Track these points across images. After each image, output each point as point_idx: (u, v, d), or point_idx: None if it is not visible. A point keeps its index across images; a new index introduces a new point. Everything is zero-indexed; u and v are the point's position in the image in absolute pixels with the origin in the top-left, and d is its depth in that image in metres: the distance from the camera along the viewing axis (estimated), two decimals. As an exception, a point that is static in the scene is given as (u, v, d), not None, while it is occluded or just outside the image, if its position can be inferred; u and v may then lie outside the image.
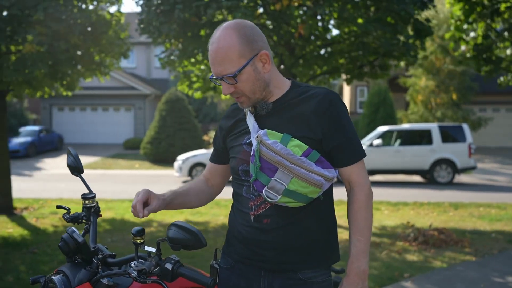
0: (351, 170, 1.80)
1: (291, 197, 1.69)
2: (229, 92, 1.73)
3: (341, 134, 1.77)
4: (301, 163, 1.67)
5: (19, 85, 7.85)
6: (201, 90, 8.81)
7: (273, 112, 1.79)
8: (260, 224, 1.77)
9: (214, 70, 1.71)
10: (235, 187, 1.90)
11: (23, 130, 21.03)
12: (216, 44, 1.68)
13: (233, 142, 1.87)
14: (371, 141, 13.68)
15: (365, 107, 21.22)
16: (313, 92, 1.80)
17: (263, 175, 1.70)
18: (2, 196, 8.36)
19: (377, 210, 9.01)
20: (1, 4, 6.51)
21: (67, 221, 1.90)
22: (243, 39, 1.69)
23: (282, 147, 1.67)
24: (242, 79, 1.70)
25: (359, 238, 1.76)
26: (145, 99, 24.08)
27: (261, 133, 1.70)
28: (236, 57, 1.67)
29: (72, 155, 1.96)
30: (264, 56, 1.74)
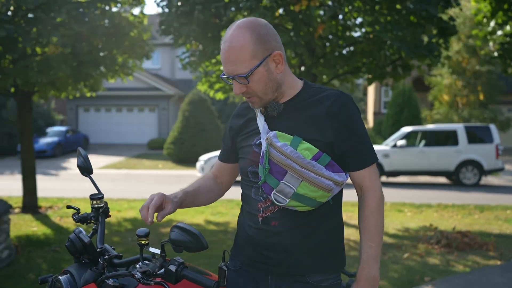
0: (363, 174, 1.76)
1: (300, 201, 1.66)
2: (240, 92, 1.70)
3: (353, 137, 1.73)
4: (311, 166, 1.64)
5: (44, 86, 8.01)
6: (221, 90, 8.83)
7: (284, 113, 1.76)
8: (268, 226, 1.75)
9: (226, 69, 1.69)
10: (244, 188, 1.88)
11: (50, 131, 21.46)
12: (229, 43, 1.65)
13: (243, 142, 1.85)
14: (395, 142, 13.49)
15: (389, 107, 20.97)
16: (326, 94, 1.76)
17: (272, 178, 1.67)
18: (27, 195, 8.54)
19: (400, 212, 8.87)
20: (26, 7, 6.65)
21: (76, 222, 1.92)
22: (256, 39, 1.66)
23: (292, 150, 1.64)
24: (254, 79, 1.67)
25: (370, 244, 1.72)
26: (169, 99, 24.30)
27: (271, 135, 1.67)
28: (248, 57, 1.65)
29: (82, 156, 1.98)
30: (277, 56, 1.71)
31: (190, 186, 1.90)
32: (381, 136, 21.15)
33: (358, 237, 1.84)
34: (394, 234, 7.05)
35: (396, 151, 13.25)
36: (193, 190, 1.88)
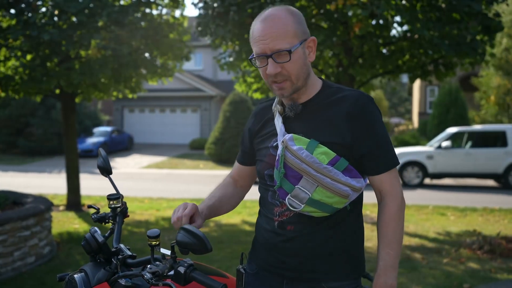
0: (383, 179, 1.69)
1: (315, 207, 1.61)
2: (275, 72, 1.60)
3: (373, 140, 1.67)
4: (327, 172, 1.58)
5: (87, 88, 8.26)
6: (259, 90, 8.84)
7: (302, 114, 1.71)
8: (284, 230, 1.72)
9: (263, 46, 1.59)
10: (261, 191, 1.85)
11: (96, 131, 22.15)
12: (271, 20, 1.59)
13: (260, 144, 1.81)
14: (440, 143, 13.09)
15: (435, 107, 20.37)
16: (345, 94, 1.70)
17: (287, 182, 1.62)
18: (71, 193, 8.82)
19: (443, 216, 8.59)
20: (69, 11, 6.87)
21: (94, 221, 1.95)
22: (297, 20, 1.63)
23: (308, 154, 1.58)
24: (293, 59, 1.61)
25: (388, 251, 1.66)
26: (211, 100, 24.56)
27: (287, 137, 1.62)
28: (291, 35, 1.59)
29: (102, 156, 2.01)
30: (311, 43, 1.69)
31: (211, 198, 1.88)
32: (425, 137, 20.59)
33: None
34: (435, 238, 6.83)
35: (441, 152, 12.86)
36: (216, 204, 1.87)
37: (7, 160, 19.55)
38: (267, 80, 1.67)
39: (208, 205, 1.83)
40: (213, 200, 1.86)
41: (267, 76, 1.65)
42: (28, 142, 21.01)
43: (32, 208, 5.39)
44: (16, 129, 21.41)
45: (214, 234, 6.97)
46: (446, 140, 13.12)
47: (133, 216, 8.44)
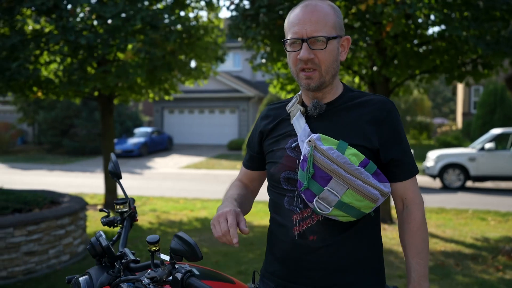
0: (407, 186, 1.65)
1: (343, 210, 1.54)
2: (309, 57, 1.55)
3: (399, 146, 1.64)
4: (358, 174, 1.52)
5: (123, 90, 8.46)
6: (294, 92, 8.81)
7: (325, 114, 1.65)
8: (306, 241, 1.61)
9: (300, 30, 1.56)
10: (274, 197, 1.72)
11: (137, 131, 22.65)
12: (313, 7, 1.57)
13: (274, 145, 1.72)
14: (483, 145, 12.64)
15: (479, 108, 19.71)
16: (369, 98, 1.67)
17: (315, 183, 1.53)
18: (108, 193, 9.05)
19: (483, 220, 8.29)
20: (105, 16, 7.05)
21: (103, 225, 1.99)
22: (337, 15, 1.63)
23: (339, 154, 1.52)
24: (328, 48, 1.57)
25: (418, 261, 1.61)
26: (249, 101, 24.66)
27: (314, 137, 1.55)
28: (330, 24, 1.58)
29: (113, 162, 2.04)
30: (345, 41, 1.67)
31: (236, 196, 1.76)
32: (469, 138, 19.94)
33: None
34: (472, 244, 6.59)
35: (484, 154, 12.41)
36: (242, 202, 1.76)
37: (53, 159, 20.28)
38: (295, 67, 1.61)
39: (239, 201, 1.73)
40: (240, 199, 1.75)
41: (296, 62, 1.60)
42: (72, 142, 21.72)
43: (67, 208, 5.57)
44: (61, 130, 22.19)
45: (244, 235, 6.99)
46: (489, 141, 12.66)
47: (167, 216, 8.57)
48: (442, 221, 8.19)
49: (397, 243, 6.57)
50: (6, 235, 4.82)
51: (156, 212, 8.95)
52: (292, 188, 1.64)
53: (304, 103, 1.71)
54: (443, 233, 7.27)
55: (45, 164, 18.48)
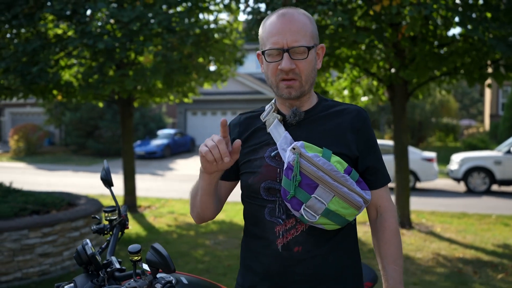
0: (381, 194, 1.67)
1: (330, 218, 1.53)
2: (291, 67, 1.54)
3: (374, 154, 1.66)
4: (344, 181, 1.52)
5: (141, 93, 8.54)
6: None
7: (303, 122, 1.64)
8: (290, 252, 1.57)
9: (280, 40, 1.54)
10: (252, 209, 1.67)
11: (160, 133, 22.88)
12: (290, 17, 1.56)
13: (250, 155, 1.66)
14: (509, 147, 12.31)
15: (506, 110, 19.23)
16: (344, 107, 1.68)
17: (302, 191, 1.50)
18: (127, 195, 9.15)
19: (506, 226, 8.06)
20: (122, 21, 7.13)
21: (93, 232, 1.99)
22: (313, 24, 1.63)
23: (325, 161, 1.51)
24: (309, 58, 1.57)
25: (394, 268, 1.62)
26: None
27: (298, 144, 1.54)
28: (309, 34, 1.58)
29: (105, 169, 2.05)
30: (321, 50, 1.67)
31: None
32: (496, 140, 19.46)
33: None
34: (493, 251, 6.41)
35: (510, 158, 12.09)
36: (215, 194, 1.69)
37: (78, 160, 20.65)
38: (275, 78, 1.59)
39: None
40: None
41: (276, 72, 1.58)
42: (97, 144, 22.08)
43: (82, 210, 5.64)
44: (86, 131, 22.58)
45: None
46: (516, 144, 12.34)
47: (185, 218, 8.61)
48: (463, 226, 7.99)
49: (415, 248, 6.44)
50: (21, 237, 4.91)
51: (174, 214, 9.00)
52: (273, 199, 1.61)
53: (280, 112, 1.69)
54: (463, 239, 7.09)
55: (71, 165, 18.84)
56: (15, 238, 4.87)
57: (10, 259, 4.83)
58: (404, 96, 7.44)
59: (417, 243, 6.73)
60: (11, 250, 4.83)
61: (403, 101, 7.47)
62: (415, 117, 24.20)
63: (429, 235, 7.24)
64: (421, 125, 24.86)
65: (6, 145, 26.17)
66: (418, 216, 8.75)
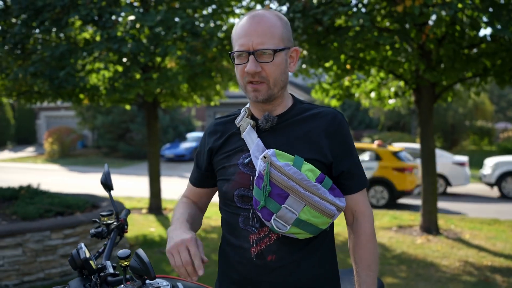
0: (357, 198, 1.62)
1: (301, 228, 1.50)
2: (256, 70, 1.51)
3: (350, 159, 1.61)
4: (316, 190, 1.49)
5: (166, 97, 8.63)
6: (336, 97, 8.65)
7: (277, 127, 1.61)
8: (264, 261, 1.56)
9: (246, 42, 1.51)
10: (227, 217, 1.65)
11: (189, 136, 23.09)
12: (259, 19, 1.53)
13: (225, 161, 1.64)
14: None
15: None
16: (320, 110, 1.63)
17: (272, 201, 1.49)
18: (153, 197, 9.24)
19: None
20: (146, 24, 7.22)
21: (91, 236, 1.99)
22: (285, 26, 1.59)
23: (296, 171, 1.49)
24: (275, 62, 1.53)
25: (368, 273, 1.59)
26: (300, 106, 24.54)
27: (269, 153, 1.51)
28: (277, 36, 1.54)
29: (105, 172, 2.05)
30: (294, 53, 1.63)
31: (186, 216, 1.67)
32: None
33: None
34: (522, 259, 6.17)
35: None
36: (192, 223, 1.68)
37: (109, 163, 21.04)
38: (242, 80, 1.57)
39: (191, 222, 1.67)
40: (190, 220, 1.68)
41: (243, 74, 1.55)
42: (128, 146, 22.45)
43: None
44: (118, 134, 23.01)
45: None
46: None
47: (209, 221, 8.63)
48: (494, 233, 7.72)
49: (441, 255, 6.26)
50: (44, 238, 5.00)
51: (198, 217, 9.02)
52: (247, 207, 1.59)
53: (253, 116, 1.66)
54: (493, 246, 6.84)
55: (102, 168, 19.20)
56: (37, 239, 4.97)
57: (32, 260, 4.93)
58: (431, 99, 7.25)
59: (444, 250, 6.53)
60: (33, 251, 4.93)
61: (430, 104, 7.28)
62: (448, 120, 23.64)
63: (456, 242, 7.03)
64: (454, 128, 24.27)
65: (41, 148, 26.91)
66: (446, 222, 8.52)
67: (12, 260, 4.80)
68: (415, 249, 6.56)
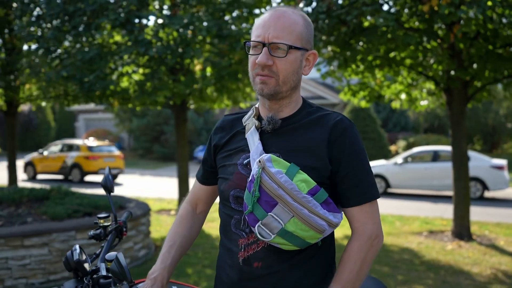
0: (353, 213, 1.52)
1: (286, 239, 1.44)
2: (266, 63, 1.47)
3: (352, 167, 1.51)
4: (306, 202, 1.42)
5: (194, 99, 8.70)
6: (366, 99, 8.51)
7: (280, 130, 1.56)
8: (250, 267, 1.53)
9: (263, 33, 1.48)
10: (223, 218, 1.64)
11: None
12: (282, 13, 1.50)
13: (226, 160, 1.62)
14: None
15: None
16: (325, 115, 1.56)
17: (260, 208, 1.44)
18: (182, 198, 9.32)
19: None
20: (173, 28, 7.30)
21: (89, 238, 2.00)
22: (306, 27, 1.54)
23: (287, 179, 1.43)
24: (288, 59, 1.49)
25: (335, 285, 1.48)
26: (334, 108, 24.26)
27: (264, 158, 1.46)
28: (296, 34, 1.50)
29: (105, 175, 2.07)
30: (312, 56, 1.58)
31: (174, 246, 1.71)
32: None
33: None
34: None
35: None
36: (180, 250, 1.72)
37: (144, 164, 21.42)
38: (252, 71, 1.53)
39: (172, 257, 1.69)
40: (177, 248, 1.71)
41: (254, 66, 1.51)
42: (162, 148, 22.80)
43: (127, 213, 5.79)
44: (153, 136, 23.40)
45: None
46: None
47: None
48: (531, 240, 7.39)
49: (472, 262, 6.04)
50: (69, 238, 5.11)
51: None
52: (240, 209, 1.55)
53: (260, 117, 1.61)
54: (529, 254, 6.55)
55: (137, 169, 19.57)
56: (63, 239, 5.08)
57: (58, 259, 5.04)
58: (463, 101, 7.02)
59: (475, 257, 6.30)
60: (59, 250, 5.04)
61: (462, 105, 7.05)
62: (488, 121, 22.88)
63: (490, 249, 6.77)
64: (494, 130, 23.47)
65: (80, 149, 27.65)
66: (480, 228, 8.22)
67: (38, 259, 4.93)
68: (445, 256, 6.36)
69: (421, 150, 13.53)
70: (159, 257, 1.68)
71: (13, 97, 9.59)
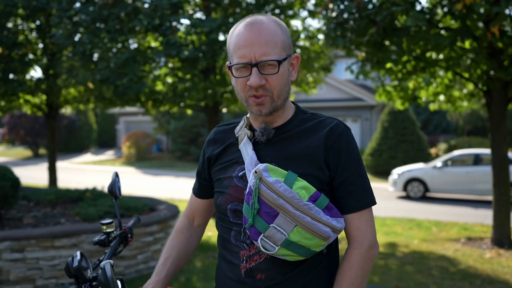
0: (350, 220, 1.47)
1: (291, 250, 1.39)
2: (260, 83, 1.40)
3: (349, 172, 1.45)
4: (307, 210, 1.37)
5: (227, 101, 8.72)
6: (401, 100, 8.29)
7: (274, 140, 1.51)
8: (253, 280, 1.48)
9: (248, 53, 1.40)
10: (221, 231, 1.60)
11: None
12: (259, 26, 1.41)
13: (221, 173, 1.58)
14: None
15: None
16: (320, 122, 1.51)
17: (261, 220, 1.39)
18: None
19: None
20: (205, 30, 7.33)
21: (93, 243, 1.99)
22: (285, 33, 1.48)
23: (286, 188, 1.38)
24: (280, 72, 1.43)
25: None
26: (372, 110, 23.84)
27: (260, 168, 1.41)
28: (279, 45, 1.43)
29: (112, 180, 2.05)
30: (295, 60, 1.53)
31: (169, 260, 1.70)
32: None
33: None
34: None
35: None
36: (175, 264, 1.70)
37: (181, 166, 21.67)
38: (244, 94, 1.46)
39: (167, 270, 1.68)
40: (171, 263, 1.70)
41: (245, 88, 1.45)
42: (199, 150, 23.00)
43: (156, 216, 5.83)
44: (189, 138, 23.66)
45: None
46: None
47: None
48: None
49: (510, 271, 5.75)
50: (98, 239, 5.18)
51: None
52: (239, 222, 1.50)
53: (252, 127, 1.56)
54: None
55: (174, 171, 19.82)
56: (91, 240, 5.16)
57: (87, 260, 5.12)
58: (503, 102, 6.72)
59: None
60: (88, 252, 5.12)
61: (502, 107, 6.74)
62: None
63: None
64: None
65: (120, 151, 28.29)
66: None
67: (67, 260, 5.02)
68: (482, 264, 6.09)
69: (462, 153, 13.09)
70: (155, 270, 1.67)
71: (53, 100, 9.90)
